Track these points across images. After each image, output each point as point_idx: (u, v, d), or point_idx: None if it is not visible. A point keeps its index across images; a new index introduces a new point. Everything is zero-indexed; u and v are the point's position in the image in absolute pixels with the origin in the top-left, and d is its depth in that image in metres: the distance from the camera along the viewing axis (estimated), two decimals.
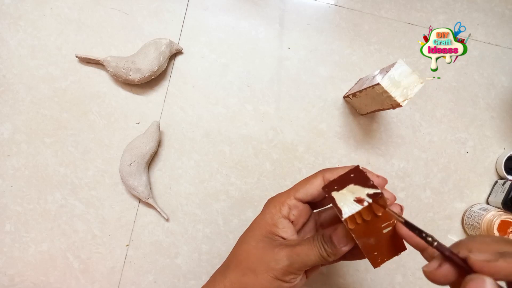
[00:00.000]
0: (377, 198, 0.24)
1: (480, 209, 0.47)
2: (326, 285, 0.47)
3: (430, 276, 0.21)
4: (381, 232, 0.26)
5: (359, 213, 0.24)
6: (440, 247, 0.21)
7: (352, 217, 0.24)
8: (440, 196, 0.49)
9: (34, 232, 0.45)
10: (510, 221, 0.44)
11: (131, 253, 0.46)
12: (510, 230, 0.44)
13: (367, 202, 0.24)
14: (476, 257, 0.19)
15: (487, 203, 0.49)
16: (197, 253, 0.46)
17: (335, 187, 0.26)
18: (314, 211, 0.33)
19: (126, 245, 0.46)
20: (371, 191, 0.24)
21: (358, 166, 0.27)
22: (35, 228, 0.45)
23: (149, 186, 0.45)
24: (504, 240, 0.20)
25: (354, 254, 0.30)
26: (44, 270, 0.45)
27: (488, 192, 0.49)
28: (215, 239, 0.47)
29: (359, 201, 0.24)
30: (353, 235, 0.25)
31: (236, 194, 0.47)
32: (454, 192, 0.49)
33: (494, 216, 0.44)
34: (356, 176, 0.26)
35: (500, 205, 0.46)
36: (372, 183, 0.25)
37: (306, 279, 0.31)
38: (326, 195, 0.26)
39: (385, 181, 0.29)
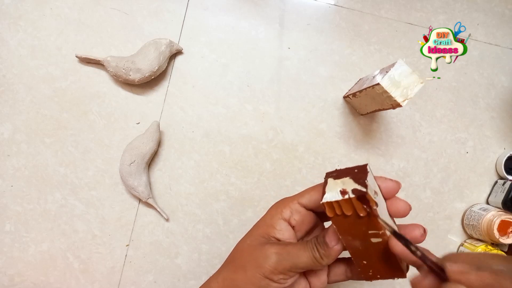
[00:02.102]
0: (359, 195, 0.23)
1: (480, 209, 0.47)
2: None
3: (414, 287, 0.22)
4: (369, 240, 0.25)
5: (338, 204, 0.24)
6: (422, 257, 0.22)
7: (330, 205, 0.24)
8: (440, 196, 0.49)
9: (34, 232, 0.45)
10: (510, 221, 0.44)
11: (131, 253, 0.46)
12: (510, 230, 0.44)
13: (348, 196, 0.24)
14: (452, 268, 0.20)
15: (487, 203, 0.49)
16: (197, 253, 0.46)
17: (334, 175, 0.26)
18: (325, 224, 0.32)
19: (126, 245, 0.46)
20: (357, 187, 0.24)
21: (366, 164, 0.27)
22: (35, 228, 0.45)
23: (149, 186, 0.45)
24: (491, 255, 0.21)
25: (356, 274, 0.29)
26: (44, 270, 0.45)
27: (488, 192, 0.49)
28: (215, 239, 0.47)
29: (343, 192, 0.24)
30: (334, 227, 0.25)
31: (236, 194, 0.47)
32: (454, 192, 0.49)
33: (494, 216, 0.44)
34: (358, 172, 0.26)
35: (500, 205, 0.46)
36: (364, 181, 0.24)
37: (304, 283, 0.30)
38: (325, 177, 0.26)
39: (397, 185, 0.27)
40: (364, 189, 0.23)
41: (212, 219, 0.47)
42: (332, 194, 0.24)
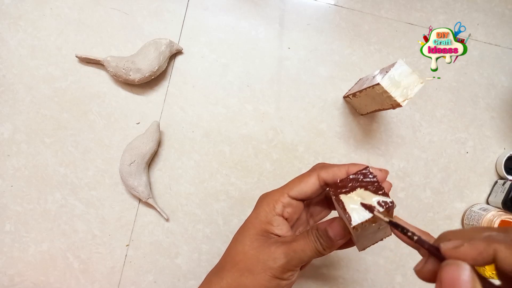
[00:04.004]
0: (388, 206, 0.23)
1: (480, 209, 0.47)
2: (326, 285, 0.47)
3: (419, 274, 0.22)
4: (378, 229, 0.26)
5: (367, 220, 0.24)
6: (419, 241, 0.21)
7: (360, 223, 0.24)
8: (440, 196, 0.49)
9: (34, 232, 0.45)
10: (510, 221, 0.44)
11: (131, 253, 0.46)
12: None
13: (377, 211, 0.23)
14: (445, 245, 0.19)
15: (487, 203, 0.49)
16: (197, 253, 0.46)
17: (344, 190, 0.25)
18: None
19: (126, 245, 0.46)
20: (383, 199, 0.24)
21: (367, 167, 0.26)
22: (35, 228, 0.45)
23: (149, 186, 0.45)
24: (483, 228, 0.20)
25: (346, 243, 0.30)
26: (44, 270, 0.45)
27: (488, 192, 0.49)
28: (215, 239, 0.47)
29: (369, 208, 0.24)
30: (353, 235, 0.25)
31: (236, 194, 0.47)
32: (454, 192, 0.49)
33: (494, 216, 0.44)
34: (366, 179, 0.25)
35: (500, 205, 0.46)
36: (383, 190, 0.24)
37: (299, 271, 0.31)
38: (334, 196, 0.25)
39: (387, 173, 0.29)
40: (390, 199, 0.24)
41: (212, 219, 0.47)
42: (359, 213, 0.24)
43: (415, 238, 0.22)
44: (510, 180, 0.47)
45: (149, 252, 0.46)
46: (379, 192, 0.24)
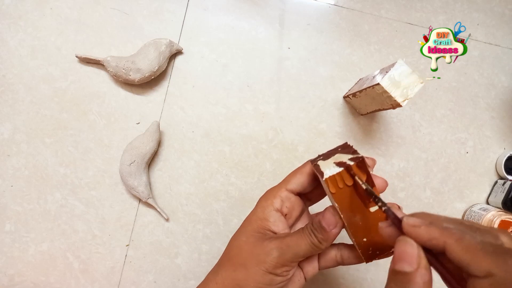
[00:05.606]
0: (358, 161, 0.24)
1: (480, 209, 0.47)
2: (326, 285, 0.47)
3: (380, 230, 0.24)
4: (368, 210, 0.26)
5: (340, 176, 0.24)
6: (387, 211, 0.23)
7: (333, 179, 0.24)
8: (440, 196, 0.49)
9: (34, 232, 0.45)
10: (510, 221, 0.44)
11: (131, 253, 0.46)
12: (510, 230, 0.44)
13: (348, 164, 0.24)
14: (408, 221, 0.22)
15: (487, 203, 0.49)
16: (197, 253, 0.46)
17: (321, 158, 0.27)
18: (310, 210, 0.33)
19: (126, 245, 0.46)
20: (354, 156, 0.25)
21: (346, 142, 0.28)
22: (35, 228, 0.45)
23: (149, 186, 0.45)
24: (448, 218, 0.21)
25: (351, 256, 0.30)
26: (44, 270, 0.45)
27: (488, 192, 0.49)
28: (215, 239, 0.47)
29: (340, 164, 0.25)
30: (336, 205, 0.25)
31: (236, 194, 0.47)
32: (454, 192, 0.49)
33: (494, 216, 0.44)
34: (343, 148, 0.27)
35: (500, 205, 0.46)
36: (355, 150, 0.26)
37: (305, 281, 0.31)
38: (313, 165, 0.27)
39: (374, 161, 0.29)
40: (360, 155, 0.25)
41: (212, 219, 0.47)
42: (330, 169, 0.25)
43: (384, 208, 0.24)
44: (510, 180, 0.47)
45: (149, 252, 0.46)
46: (350, 151, 0.26)
